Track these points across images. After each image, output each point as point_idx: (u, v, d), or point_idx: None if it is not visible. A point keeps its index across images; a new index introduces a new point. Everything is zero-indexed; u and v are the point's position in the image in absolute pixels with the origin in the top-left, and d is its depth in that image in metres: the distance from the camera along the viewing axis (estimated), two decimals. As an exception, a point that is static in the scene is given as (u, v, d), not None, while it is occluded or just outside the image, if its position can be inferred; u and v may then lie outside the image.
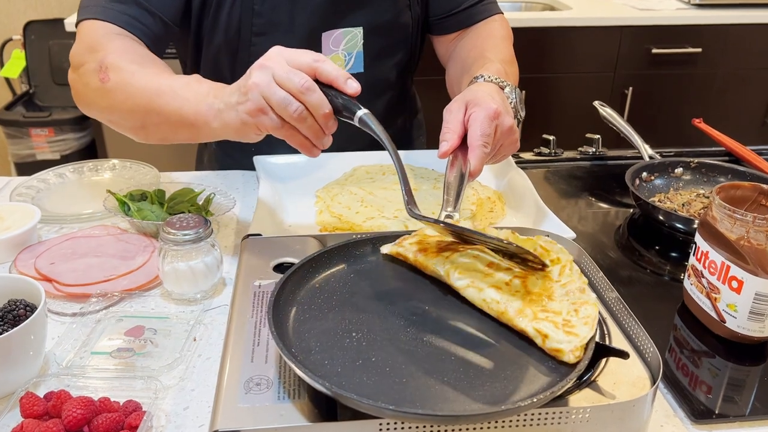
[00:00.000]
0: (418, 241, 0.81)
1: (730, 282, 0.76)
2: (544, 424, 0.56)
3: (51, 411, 0.64)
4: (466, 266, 0.73)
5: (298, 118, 0.77)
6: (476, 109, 0.88)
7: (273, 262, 0.80)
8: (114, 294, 0.85)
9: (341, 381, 0.59)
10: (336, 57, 1.16)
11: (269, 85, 0.76)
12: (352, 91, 0.78)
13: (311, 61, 0.77)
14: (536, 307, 0.66)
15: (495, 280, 0.71)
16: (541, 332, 0.63)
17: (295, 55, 0.78)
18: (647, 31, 2.59)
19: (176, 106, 0.87)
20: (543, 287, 0.69)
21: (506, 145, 0.92)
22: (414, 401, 0.57)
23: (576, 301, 0.67)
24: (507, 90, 0.97)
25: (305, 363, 0.60)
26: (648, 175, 1.15)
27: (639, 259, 1.02)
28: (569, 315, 0.64)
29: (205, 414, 0.68)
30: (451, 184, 0.87)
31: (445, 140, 0.87)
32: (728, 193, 0.81)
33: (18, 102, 2.85)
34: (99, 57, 0.95)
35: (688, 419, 0.68)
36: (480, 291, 0.70)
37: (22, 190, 1.11)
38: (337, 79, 0.78)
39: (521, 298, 0.67)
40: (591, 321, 0.63)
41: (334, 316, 0.69)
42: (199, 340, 0.78)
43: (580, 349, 0.61)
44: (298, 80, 0.76)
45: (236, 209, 1.09)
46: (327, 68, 0.77)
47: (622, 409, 0.58)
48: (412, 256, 0.78)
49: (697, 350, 0.79)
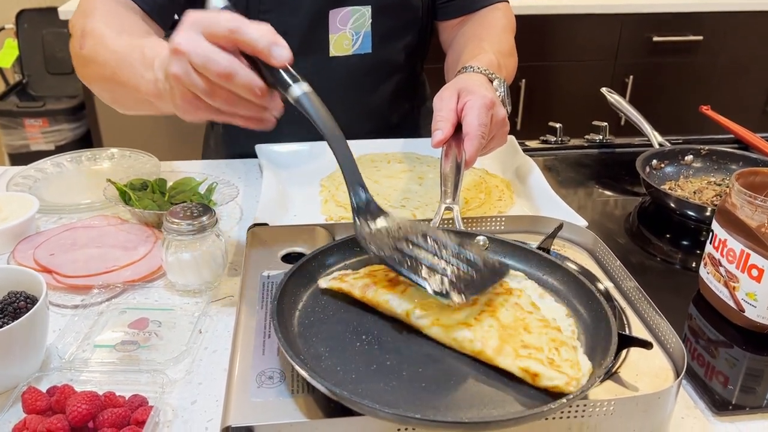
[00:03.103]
0: (367, 273, 0.70)
1: (750, 270, 0.74)
2: (567, 417, 0.55)
3: (54, 406, 0.62)
4: (425, 301, 0.64)
5: (229, 104, 0.68)
6: (471, 98, 0.85)
7: (281, 252, 0.78)
8: (116, 285, 0.83)
9: (358, 389, 0.55)
10: (343, 36, 1.14)
11: (188, 75, 0.66)
12: (277, 62, 0.65)
13: (227, 32, 0.65)
14: (515, 343, 0.59)
15: (463, 315, 0.62)
16: (530, 371, 0.56)
17: (211, 27, 0.65)
18: (648, 19, 2.57)
19: (134, 82, 0.79)
20: (516, 318, 0.62)
21: (498, 137, 0.90)
22: (438, 407, 0.54)
23: (555, 338, 0.60)
24: (496, 83, 0.95)
25: (317, 370, 0.57)
26: (658, 163, 1.13)
27: (650, 247, 1.01)
28: (551, 353, 0.58)
29: (213, 408, 0.66)
30: (447, 176, 0.85)
31: (439, 129, 0.85)
32: (747, 180, 0.79)
33: (11, 92, 2.81)
34: (84, 22, 0.92)
35: (709, 411, 0.66)
36: (448, 330, 0.61)
37: (18, 179, 1.08)
38: (260, 51, 0.65)
39: (497, 334, 0.60)
40: (575, 364, 0.56)
41: (340, 318, 0.65)
42: (204, 332, 0.76)
43: (578, 378, 0.55)
44: (215, 68, 0.64)
45: (239, 198, 1.07)
46: (246, 38, 0.65)
47: (647, 402, 0.56)
48: (359, 292, 0.67)
49: (715, 340, 0.77)
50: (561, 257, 0.78)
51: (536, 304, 0.66)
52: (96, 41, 0.88)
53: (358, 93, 1.20)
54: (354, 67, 1.18)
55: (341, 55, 1.16)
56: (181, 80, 0.66)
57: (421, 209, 0.98)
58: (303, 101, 0.67)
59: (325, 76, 1.16)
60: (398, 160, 1.14)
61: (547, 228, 0.83)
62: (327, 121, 0.68)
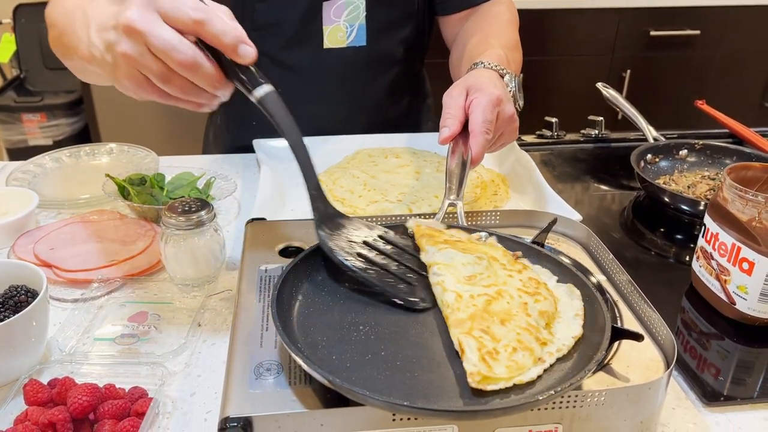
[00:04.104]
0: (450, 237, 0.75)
1: (741, 264, 0.75)
2: (559, 408, 0.56)
3: (55, 398, 0.63)
4: (448, 266, 0.69)
5: (183, 92, 0.64)
6: (478, 95, 0.85)
7: (278, 246, 0.79)
8: (116, 279, 0.84)
9: (351, 377, 0.56)
10: (337, 28, 1.14)
11: (142, 57, 0.61)
12: (243, 60, 0.63)
13: (191, 21, 0.61)
14: (479, 324, 0.60)
15: (464, 288, 0.66)
16: (462, 346, 0.58)
17: (175, 12, 0.61)
18: (645, 13, 2.57)
19: (74, 44, 0.73)
20: (505, 311, 0.62)
21: (506, 133, 0.90)
22: (428, 396, 0.55)
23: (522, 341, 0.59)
24: (507, 78, 0.96)
25: (313, 359, 0.58)
26: (653, 157, 1.14)
27: (644, 241, 1.02)
28: (504, 347, 0.58)
29: (212, 400, 0.67)
30: (453, 172, 0.85)
31: (446, 126, 0.85)
32: (739, 174, 0.80)
33: (9, 87, 2.81)
34: (51, 7, 0.88)
35: (699, 402, 0.68)
36: (444, 291, 0.66)
37: (18, 174, 1.09)
38: (225, 47, 0.62)
39: (472, 312, 0.62)
40: (516, 369, 0.56)
41: (339, 308, 0.66)
42: (203, 326, 0.77)
43: (483, 380, 0.54)
44: (178, 57, 0.61)
45: (237, 193, 1.08)
46: (211, 30, 0.61)
47: (638, 392, 0.57)
48: (417, 236, 0.75)
49: (706, 332, 0.79)
50: (555, 251, 0.79)
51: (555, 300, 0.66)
52: (54, 2, 0.84)
53: (353, 86, 1.21)
54: (349, 60, 1.18)
55: (335, 47, 1.16)
56: (134, 61, 0.62)
57: (418, 204, 0.99)
58: (266, 103, 0.65)
59: (319, 68, 1.17)
60: (395, 155, 1.15)
61: (542, 222, 0.83)
62: (288, 123, 0.67)
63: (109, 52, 0.65)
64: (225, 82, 0.65)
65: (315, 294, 0.68)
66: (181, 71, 0.62)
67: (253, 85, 0.65)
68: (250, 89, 0.65)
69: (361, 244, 0.71)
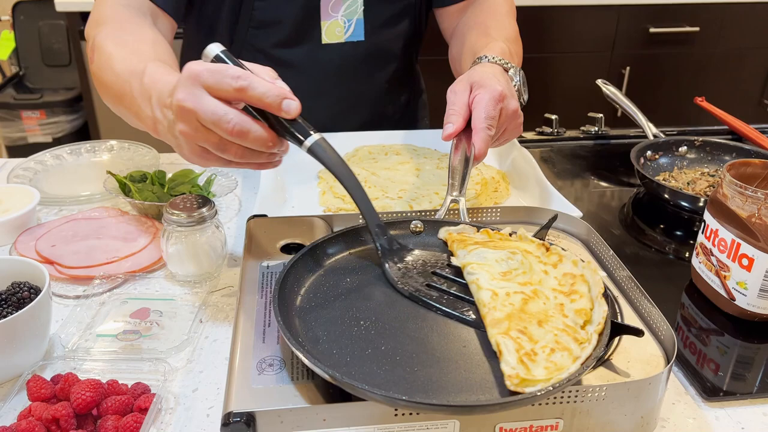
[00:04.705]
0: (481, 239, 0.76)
1: (741, 260, 0.75)
2: (560, 402, 0.56)
3: (59, 394, 0.63)
4: (482, 264, 0.70)
5: (240, 156, 0.68)
6: (481, 91, 0.85)
7: (280, 242, 0.79)
8: (118, 276, 0.84)
9: (351, 371, 0.57)
10: (335, 23, 1.14)
11: (197, 132, 0.66)
12: (289, 115, 0.66)
13: (233, 90, 0.64)
14: (516, 325, 0.60)
15: (499, 285, 0.66)
16: (499, 348, 0.58)
17: (217, 84, 0.64)
18: (645, 10, 2.57)
19: (135, 111, 0.80)
20: (542, 312, 0.63)
21: (510, 129, 0.90)
22: (426, 391, 0.55)
23: (560, 341, 0.59)
24: (511, 72, 0.95)
25: (313, 353, 0.59)
26: (652, 154, 1.14)
27: (644, 237, 1.02)
28: (542, 349, 0.58)
29: (214, 396, 0.67)
30: (456, 168, 0.85)
31: (450, 122, 0.85)
32: (739, 171, 0.80)
33: (8, 84, 2.81)
34: (95, 34, 0.93)
35: (699, 397, 0.68)
36: (479, 290, 0.66)
37: (19, 171, 1.09)
38: (269, 106, 0.65)
39: (509, 311, 0.62)
40: (555, 370, 0.55)
41: (340, 304, 0.67)
42: (205, 322, 0.78)
43: (521, 383, 0.54)
44: (226, 127, 0.64)
45: (238, 190, 1.08)
46: (254, 94, 0.64)
47: (638, 387, 0.57)
48: (449, 243, 0.77)
49: (706, 328, 0.79)
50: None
51: None
52: (102, 60, 0.89)
53: (351, 81, 1.21)
54: (347, 55, 1.18)
55: (334, 42, 1.16)
56: (191, 137, 0.67)
57: (418, 200, 0.99)
58: (316, 150, 0.68)
59: (318, 64, 1.17)
60: (396, 152, 1.15)
61: (542, 219, 0.84)
62: (341, 167, 0.70)
63: (170, 132, 0.70)
64: (277, 140, 0.68)
65: (317, 289, 0.69)
66: (233, 139, 0.65)
67: (304, 136, 0.68)
68: (301, 140, 0.68)
69: (428, 274, 0.72)
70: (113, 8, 0.96)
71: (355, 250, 0.76)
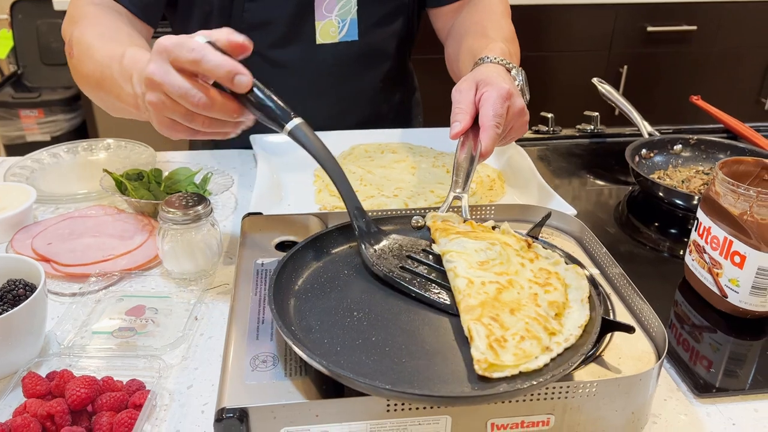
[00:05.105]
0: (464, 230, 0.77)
1: (733, 257, 0.76)
2: (551, 398, 0.57)
3: (54, 390, 0.64)
4: (461, 253, 0.71)
5: (206, 126, 0.71)
6: (488, 89, 0.86)
7: (274, 240, 0.79)
8: (113, 274, 0.84)
9: (339, 360, 0.58)
10: (329, 23, 1.15)
11: (164, 104, 0.70)
12: (240, 89, 0.68)
13: (189, 63, 0.67)
14: (489, 312, 0.61)
15: (475, 274, 0.67)
16: (471, 333, 0.59)
17: (177, 57, 0.67)
18: (642, 9, 2.57)
19: (116, 92, 0.83)
20: (515, 301, 0.64)
21: (516, 127, 0.91)
22: (412, 382, 0.56)
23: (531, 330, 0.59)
24: (514, 72, 0.96)
25: (304, 342, 0.60)
26: (647, 152, 1.15)
27: (638, 235, 1.02)
28: (513, 336, 0.58)
29: (208, 392, 0.67)
30: (460, 165, 0.86)
31: (457, 121, 0.85)
32: (731, 168, 0.81)
33: (6, 83, 2.81)
34: (72, 30, 0.96)
35: (691, 393, 0.68)
36: (456, 277, 0.67)
37: (16, 170, 1.09)
38: (222, 81, 0.68)
39: (483, 299, 0.63)
40: (523, 357, 0.56)
41: (336, 295, 0.68)
42: (200, 319, 0.78)
43: (489, 368, 0.55)
44: (192, 100, 0.67)
45: (234, 188, 1.08)
46: (207, 67, 0.67)
47: (629, 383, 0.58)
48: (432, 230, 0.78)
49: (699, 325, 0.79)
50: (549, 245, 0.80)
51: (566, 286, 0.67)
52: (82, 51, 0.92)
53: (346, 81, 1.21)
54: (341, 55, 1.18)
55: (328, 42, 1.17)
56: (159, 108, 0.70)
57: (414, 199, 1.00)
58: (297, 134, 0.71)
59: (312, 64, 1.17)
60: (392, 150, 1.16)
61: (536, 216, 0.84)
62: (321, 151, 0.72)
63: (141, 102, 0.73)
64: (241, 110, 0.71)
65: (314, 280, 0.70)
66: (198, 110, 0.69)
67: (285, 120, 0.71)
68: (282, 124, 0.71)
69: (403, 258, 0.73)
70: (88, 7, 0.99)
71: (354, 245, 0.77)
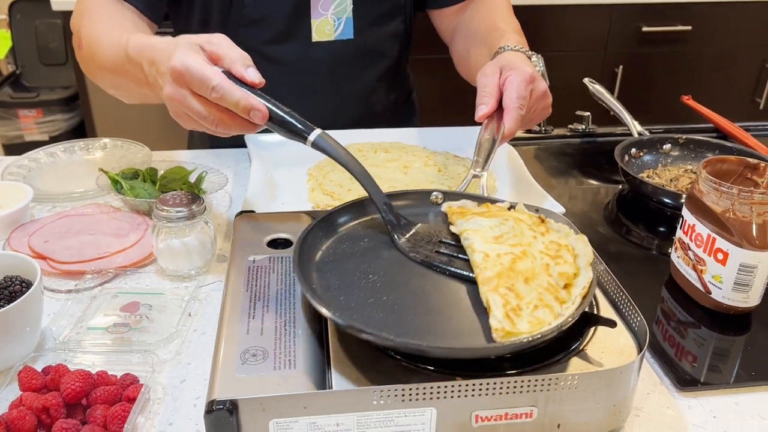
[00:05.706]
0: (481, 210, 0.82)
1: (716, 254, 0.77)
2: (533, 391, 0.58)
3: (49, 384, 0.65)
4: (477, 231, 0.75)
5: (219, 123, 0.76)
6: (512, 73, 0.89)
7: (267, 237, 0.81)
8: (108, 271, 0.86)
9: (351, 314, 0.63)
10: (325, 21, 1.16)
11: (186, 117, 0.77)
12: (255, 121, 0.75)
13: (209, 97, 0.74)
14: (505, 282, 0.65)
15: (491, 248, 0.71)
16: (488, 303, 0.63)
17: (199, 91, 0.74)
18: (637, 9, 2.59)
19: (132, 76, 0.87)
20: (529, 270, 0.67)
21: (539, 110, 0.94)
22: (415, 336, 0.60)
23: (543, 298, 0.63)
24: (534, 59, 1.00)
25: (323, 297, 0.65)
26: (637, 152, 1.16)
27: (627, 234, 1.04)
28: (527, 305, 0.62)
29: (201, 386, 0.69)
30: (482, 146, 0.89)
31: (483, 103, 0.89)
32: (714, 167, 0.82)
33: (5, 83, 2.82)
34: (80, 23, 0.99)
35: (673, 387, 0.70)
36: (473, 252, 0.72)
37: (13, 169, 1.11)
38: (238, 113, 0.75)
39: (498, 270, 0.67)
40: (537, 325, 0.60)
41: (355, 259, 0.73)
42: (194, 316, 0.79)
43: (506, 335, 0.59)
44: (212, 123, 0.75)
45: (228, 187, 1.10)
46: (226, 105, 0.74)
47: (610, 376, 0.59)
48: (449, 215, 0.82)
49: (684, 321, 0.81)
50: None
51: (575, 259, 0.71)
52: (91, 43, 0.95)
53: (341, 79, 1.22)
54: (337, 53, 1.19)
55: (323, 40, 1.18)
56: (179, 116, 0.76)
57: (406, 197, 1.01)
58: (320, 143, 0.76)
59: (307, 61, 1.18)
60: (384, 150, 1.17)
61: (525, 214, 0.86)
62: (345, 155, 0.77)
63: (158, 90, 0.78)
64: (258, 127, 0.77)
65: (337, 246, 0.76)
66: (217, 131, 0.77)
67: (307, 133, 0.76)
68: (305, 137, 0.76)
69: (436, 243, 0.76)
70: (95, 1, 1.01)
71: (368, 219, 0.81)
